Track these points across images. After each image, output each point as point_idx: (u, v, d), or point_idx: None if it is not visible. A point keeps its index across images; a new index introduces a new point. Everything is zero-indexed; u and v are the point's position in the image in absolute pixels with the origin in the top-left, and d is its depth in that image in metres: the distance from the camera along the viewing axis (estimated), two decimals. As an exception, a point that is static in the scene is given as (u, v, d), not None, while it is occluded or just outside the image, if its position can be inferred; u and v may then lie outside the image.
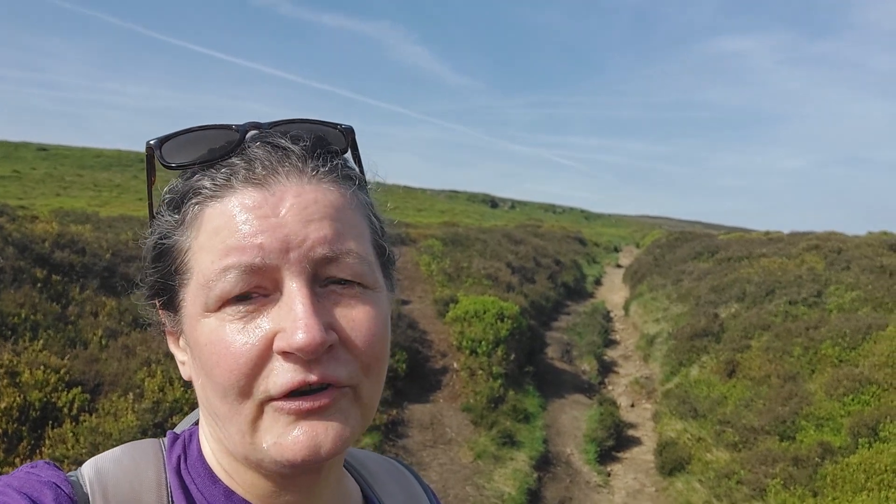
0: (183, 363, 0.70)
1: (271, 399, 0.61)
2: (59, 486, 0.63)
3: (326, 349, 0.60)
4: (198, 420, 0.76)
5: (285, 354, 0.60)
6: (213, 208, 0.63)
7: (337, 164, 0.68)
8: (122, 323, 6.62)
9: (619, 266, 27.98)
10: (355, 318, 0.63)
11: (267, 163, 0.64)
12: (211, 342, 0.62)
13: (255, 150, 0.65)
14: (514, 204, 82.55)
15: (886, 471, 5.48)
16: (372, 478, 0.84)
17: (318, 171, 0.65)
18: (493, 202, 79.32)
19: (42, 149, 55.86)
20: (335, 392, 0.62)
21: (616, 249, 38.40)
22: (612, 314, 16.52)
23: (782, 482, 5.93)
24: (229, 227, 0.62)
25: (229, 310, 0.61)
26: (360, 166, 0.74)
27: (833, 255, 13.14)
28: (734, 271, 13.83)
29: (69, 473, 0.66)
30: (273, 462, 0.62)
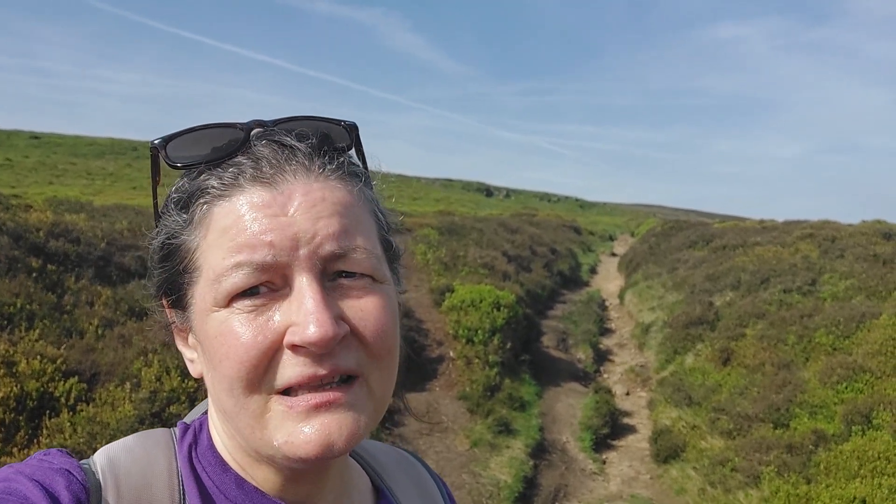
0: (192, 361, 0.71)
1: (277, 392, 0.61)
2: (71, 473, 0.63)
3: (338, 341, 0.61)
4: (207, 410, 0.77)
5: (296, 348, 0.60)
6: (222, 207, 0.64)
7: (343, 161, 0.69)
8: (118, 312, 6.61)
9: (614, 255, 28.01)
10: (364, 307, 0.64)
11: (274, 161, 0.64)
12: (221, 334, 0.62)
13: (261, 149, 0.65)
14: (510, 192, 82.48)
15: (879, 458, 5.53)
16: (381, 468, 0.85)
17: (324, 169, 0.66)
18: (489, 191, 79.23)
19: (34, 137, 55.47)
20: (346, 387, 0.62)
21: (611, 238, 38.45)
22: (607, 303, 16.57)
23: (776, 469, 5.98)
24: (238, 225, 0.62)
25: (238, 304, 0.62)
26: (364, 162, 0.75)
27: (827, 244, 13.19)
28: (729, 260, 13.87)
29: (81, 461, 0.67)
30: (285, 458, 0.62)
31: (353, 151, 0.73)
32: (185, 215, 0.66)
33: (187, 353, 0.72)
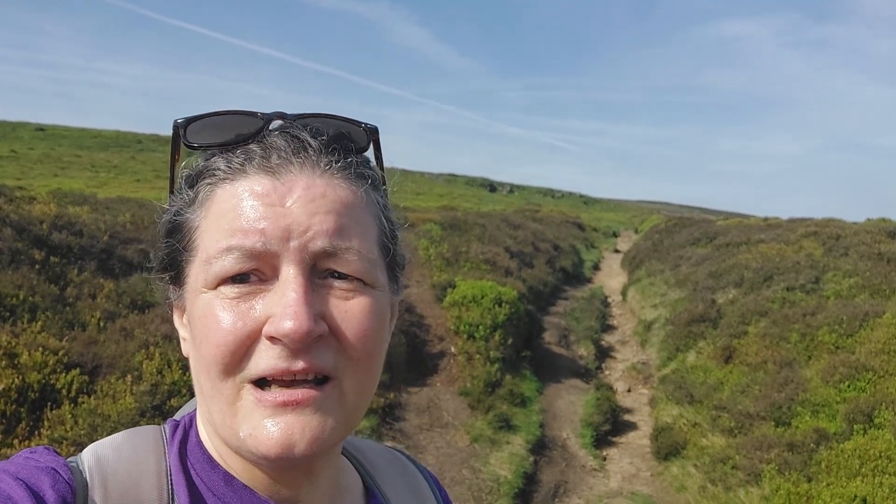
0: (185, 339, 0.71)
1: (250, 382, 0.61)
2: (57, 472, 0.62)
3: (315, 339, 0.61)
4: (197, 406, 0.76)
5: (272, 339, 0.60)
6: (224, 190, 0.65)
7: (352, 161, 0.69)
8: (121, 305, 6.62)
9: (617, 251, 27.97)
10: (349, 309, 0.64)
11: (283, 153, 0.65)
12: (204, 315, 0.63)
13: (275, 140, 0.66)
14: (513, 188, 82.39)
15: (881, 457, 5.52)
16: (371, 467, 0.84)
17: (331, 166, 0.66)
18: (492, 186, 79.17)
19: (40, 129, 55.57)
20: (317, 388, 0.62)
21: (614, 234, 38.37)
22: (609, 299, 16.55)
23: (777, 467, 5.97)
24: (236, 210, 0.63)
25: (225, 289, 0.63)
26: (382, 166, 0.75)
27: (831, 242, 13.15)
28: (732, 257, 13.83)
29: (69, 459, 0.66)
30: (249, 453, 0.62)
31: (369, 154, 0.73)
32: (190, 193, 0.67)
33: (181, 332, 0.72)
